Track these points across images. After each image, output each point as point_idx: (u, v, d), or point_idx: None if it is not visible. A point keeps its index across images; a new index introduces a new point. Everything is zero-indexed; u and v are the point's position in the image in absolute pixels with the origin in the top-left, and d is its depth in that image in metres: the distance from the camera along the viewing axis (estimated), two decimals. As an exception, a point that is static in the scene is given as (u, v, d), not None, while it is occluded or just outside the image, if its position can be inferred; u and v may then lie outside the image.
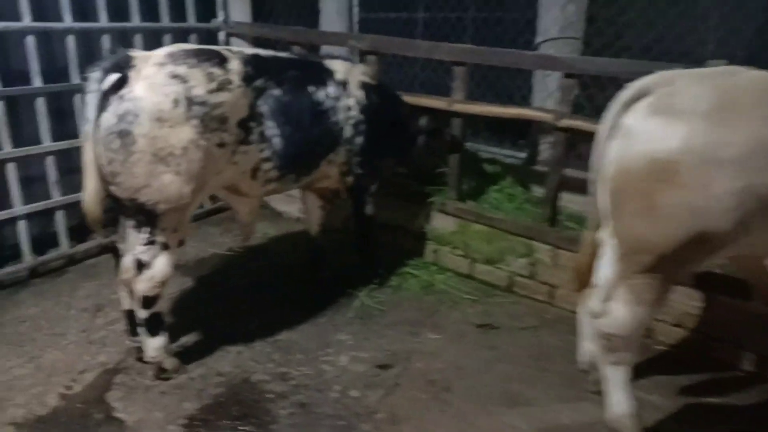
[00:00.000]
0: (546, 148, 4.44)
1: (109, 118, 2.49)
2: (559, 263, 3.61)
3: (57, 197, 3.91)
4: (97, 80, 2.48)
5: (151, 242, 2.70)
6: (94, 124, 2.49)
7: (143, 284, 2.73)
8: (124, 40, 4.08)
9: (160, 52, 2.64)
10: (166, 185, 2.57)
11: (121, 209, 2.73)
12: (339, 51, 4.29)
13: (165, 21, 4.32)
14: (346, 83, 3.27)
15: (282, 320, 3.48)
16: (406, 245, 4.21)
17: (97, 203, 2.60)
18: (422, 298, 3.80)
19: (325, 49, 4.36)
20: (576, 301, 3.47)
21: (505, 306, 3.73)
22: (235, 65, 2.75)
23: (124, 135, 2.48)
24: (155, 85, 2.51)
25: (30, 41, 3.57)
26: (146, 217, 2.65)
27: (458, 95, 3.72)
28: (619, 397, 2.39)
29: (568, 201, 3.93)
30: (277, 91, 2.93)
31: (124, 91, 2.49)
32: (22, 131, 3.71)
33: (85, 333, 3.35)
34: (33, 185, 3.84)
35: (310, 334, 3.39)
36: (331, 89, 3.21)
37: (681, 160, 2.02)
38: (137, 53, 2.63)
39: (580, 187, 2.99)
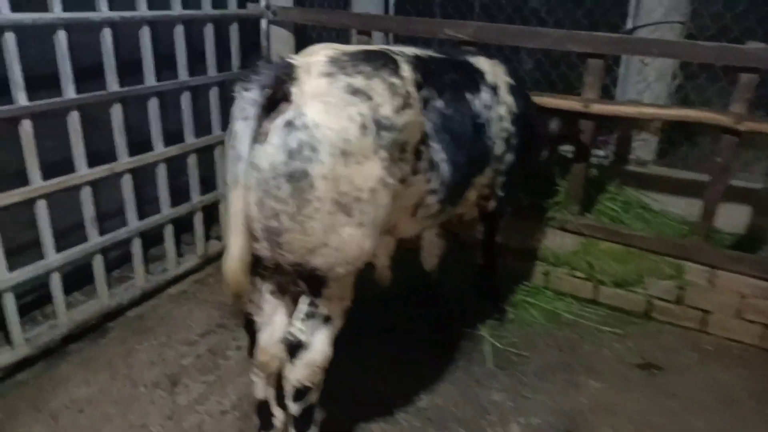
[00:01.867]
0: (640, 146, 3.99)
1: (272, 154, 1.75)
2: (717, 285, 3.15)
3: (95, 238, 3.04)
4: (254, 102, 1.72)
5: (311, 315, 1.99)
6: (248, 165, 1.74)
7: (300, 371, 2.01)
8: (165, 31, 3.23)
9: (318, 58, 1.91)
10: (346, 242, 1.86)
11: (264, 271, 2.00)
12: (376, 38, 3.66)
13: (207, 8, 3.47)
14: (497, 87, 2.62)
15: (411, 376, 2.84)
16: (508, 267, 3.63)
17: (246, 270, 1.85)
18: (555, 334, 3.25)
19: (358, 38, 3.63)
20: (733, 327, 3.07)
21: (653, 337, 3.24)
22: (406, 71, 2.06)
23: (298, 177, 1.74)
24: (333, 105, 1.79)
25: (62, 37, 2.68)
26: (310, 284, 1.94)
27: (591, 94, 3.15)
28: None
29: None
30: (439, 103, 2.26)
31: (291, 115, 1.76)
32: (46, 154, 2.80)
33: (173, 420, 2.58)
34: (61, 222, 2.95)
35: (454, 396, 2.76)
36: (485, 95, 2.55)
37: None
38: (296, 60, 1.88)
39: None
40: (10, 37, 2.47)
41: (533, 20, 4.39)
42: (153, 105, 3.22)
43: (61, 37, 2.68)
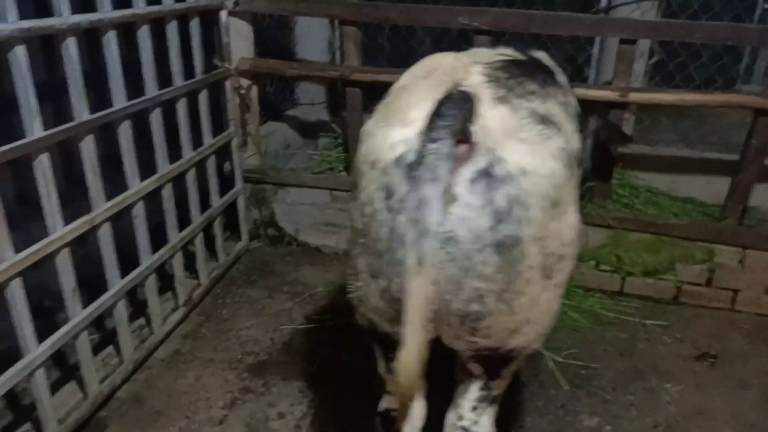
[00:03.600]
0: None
1: (473, 219, 1.31)
2: (747, 265, 3.18)
3: (79, 314, 2.33)
4: (446, 156, 1.26)
5: (482, 399, 1.60)
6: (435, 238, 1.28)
7: (469, 465, 1.62)
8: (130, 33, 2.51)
9: (474, 78, 1.47)
10: (544, 311, 1.49)
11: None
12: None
13: (169, 1, 2.76)
14: (564, 87, 2.31)
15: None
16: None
17: (424, 370, 1.40)
18: (606, 337, 3.10)
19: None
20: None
21: (692, 323, 3.22)
22: (562, 79, 1.69)
23: (511, 246, 1.32)
24: (533, 142, 1.37)
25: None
26: (492, 366, 1.54)
27: (624, 82, 2.97)
28: None
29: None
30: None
31: (484, 163, 1.32)
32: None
33: None
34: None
35: (550, 430, 2.51)
36: (562, 98, 2.23)
37: None
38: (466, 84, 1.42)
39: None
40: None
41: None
42: (125, 130, 2.51)
43: (20, 54, 1.92)
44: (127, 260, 2.62)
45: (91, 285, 2.49)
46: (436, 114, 1.29)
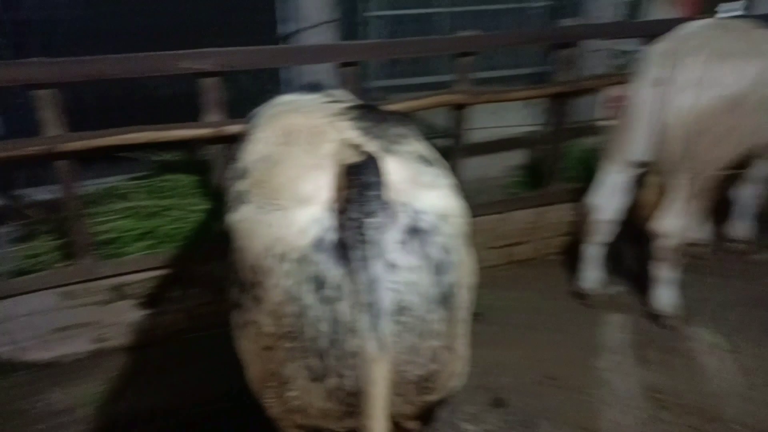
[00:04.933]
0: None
1: (418, 281, 1.25)
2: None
3: None
4: (384, 227, 1.17)
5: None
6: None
7: None
8: None
9: (348, 134, 1.37)
10: (466, 344, 1.51)
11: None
12: None
13: None
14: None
15: None
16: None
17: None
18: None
19: None
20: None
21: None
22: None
23: (452, 293, 1.31)
24: (431, 184, 1.36)
25: None
26: (429, 414, 1.52)
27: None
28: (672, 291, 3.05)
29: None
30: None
31: (408, 219, 1.27)
32: None
33: None
34: None
35: None
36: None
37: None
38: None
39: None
40: None
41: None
42: None
43: None
44: None
45: None
46: (363, 185, 1.17)
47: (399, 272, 1.22)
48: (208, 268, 2.94)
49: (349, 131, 1.35)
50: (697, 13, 4.59)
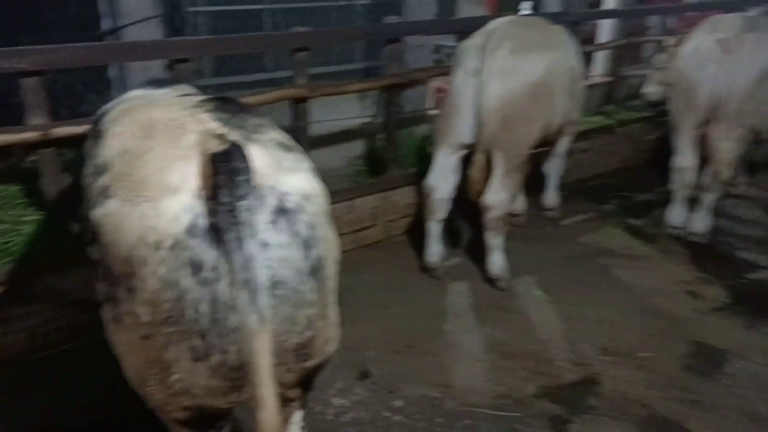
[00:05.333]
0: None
1: (289, 257, 1.36)
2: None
3: None
4: (256, 208, 1.27)
5: (304, 415, 1.68)
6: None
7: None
8: None
9: (209, 125, 1.43)
10: (337, 311, 1.65)
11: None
12: None
13: None
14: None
15: None
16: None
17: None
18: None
19: None
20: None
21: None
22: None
23: (320, 265, 1.44)
24: (293, 168, 1.47)
25: None
26: (308, 381, 1.63)
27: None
28: (502, 256, 3.47)
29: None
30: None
31: (274, 202, 1.37)
32: None
33: None
34: None
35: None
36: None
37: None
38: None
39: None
40: None
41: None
42: None
43: None
44: None
45: None
46: (232, 171, 1.25)
47: (271, 250, 1.31)
48: (48, 281, 2.74)
49: (210, 122, 1.41)
50: (500, 11, 5.19)
